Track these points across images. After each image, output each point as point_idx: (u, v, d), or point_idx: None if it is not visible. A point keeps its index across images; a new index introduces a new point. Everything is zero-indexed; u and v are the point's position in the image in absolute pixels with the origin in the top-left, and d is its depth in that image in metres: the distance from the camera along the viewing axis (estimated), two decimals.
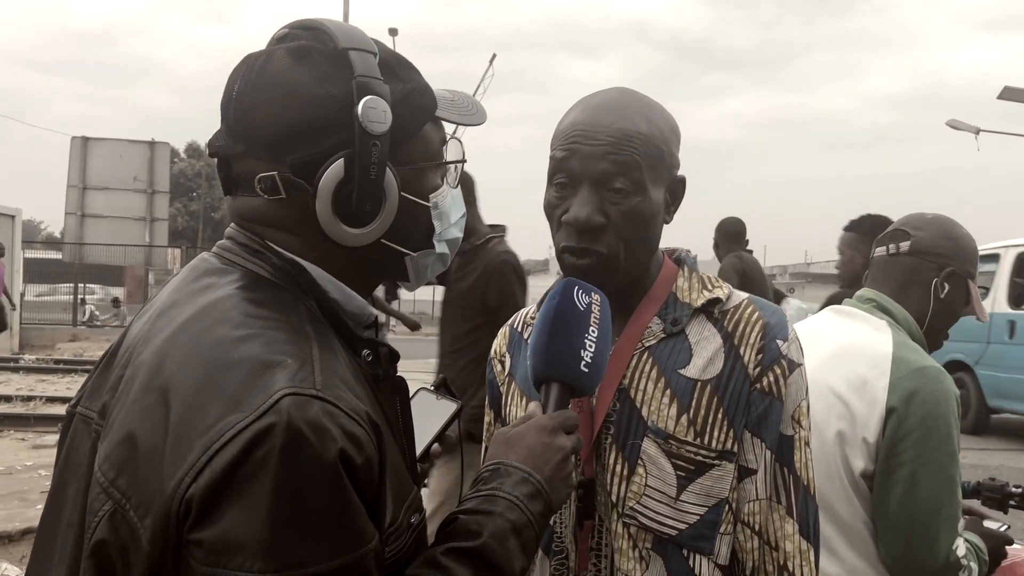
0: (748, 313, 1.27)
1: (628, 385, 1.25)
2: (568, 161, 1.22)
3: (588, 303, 1.17)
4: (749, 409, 1.22)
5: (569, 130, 1.24)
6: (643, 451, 1.21)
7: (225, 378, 0.85)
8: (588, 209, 1.20)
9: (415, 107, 1.03)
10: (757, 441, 1.22)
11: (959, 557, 1.68)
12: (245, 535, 0.79)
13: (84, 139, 18.40)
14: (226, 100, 1.00)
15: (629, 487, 1.22)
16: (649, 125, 1.23)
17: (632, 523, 1.21)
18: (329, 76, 0.96)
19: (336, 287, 1.02)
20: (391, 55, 1.04)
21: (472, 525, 0.98)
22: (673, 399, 1.22)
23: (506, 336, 1.48)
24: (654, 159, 1.22)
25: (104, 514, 0.88)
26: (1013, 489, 2.59)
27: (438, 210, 1.08)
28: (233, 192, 1.03)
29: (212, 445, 0.81)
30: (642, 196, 1.22)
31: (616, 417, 1.24)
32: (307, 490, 0.81)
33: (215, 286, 0.97)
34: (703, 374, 1.23)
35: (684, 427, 1.21)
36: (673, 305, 1.28)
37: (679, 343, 1.25)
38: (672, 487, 1.20)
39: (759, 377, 1.22)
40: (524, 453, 1.06)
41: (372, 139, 0.96)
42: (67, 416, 1.05)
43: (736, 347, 1.24)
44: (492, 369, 1.49)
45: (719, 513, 1.21)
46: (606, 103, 1.25)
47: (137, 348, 0.97)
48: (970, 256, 1.90)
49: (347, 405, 0.87)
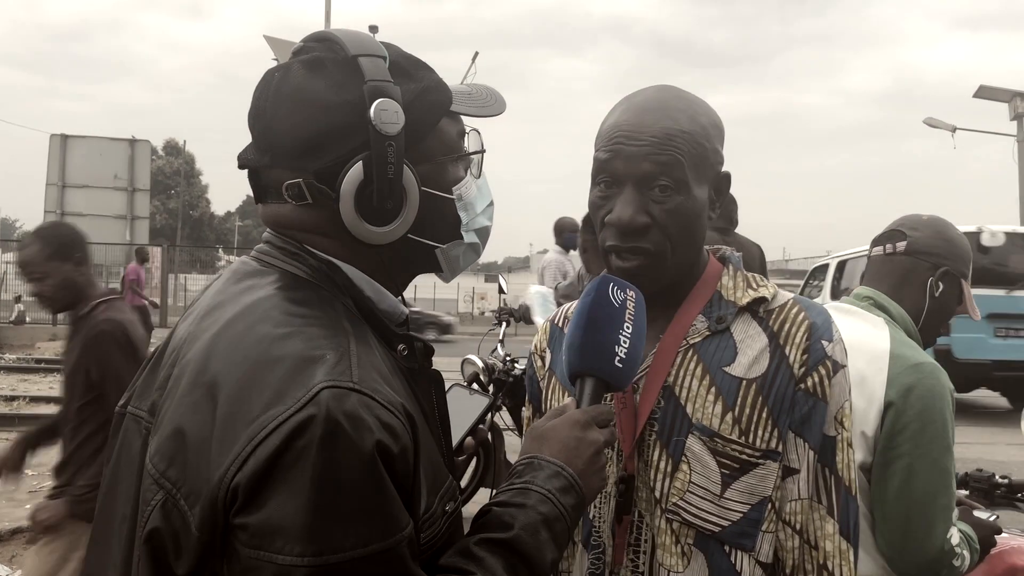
0: (794, 313, 1.27)
1: (673, 382, 1.25)
2: (612, 162, 1.23)
3: (623, 299, 1.18)
4: (793, 409, 1.22)
5: (612, 131, 1.25)
6: (688, 448, 1.22)
7: (268, 373, 0.90)
8: (631, 209, 1.21)
9: (429, 104, 1.07)
10: (800, 441, 1.23)
11: (953, 546, 1.73)
12: (286, 520, 0.84)
13: (63, 137, 18.22)
14: (251, 115, 1.06)
15: (673, 483, 1.22)
16: (692, 123, 1.23)
17: (675, 519, 1.22)
18: (343, 84, 1.01)
19: (370, 285, 1.06)
20: (403, 56, 1.09)
21: (505, 517, 1.02)
22: (718, 397, 1.22)
23: (547, 331, 1.49)
24: (697, 157, 1.23)
25: (156, 503, 0.92)
26: (1000, 480, 2.67)
27: (463, 201, 1.12)
28: (264, 200, 1.08)
29: (256, 436, 0.86)
30: (686, 195, 1.22)
31: (661, 414, 1.24)
32: (344, 478, 0.85)
33: (256, 287, 1.02)
34: (748, 372, 1.23)
35: (729, 425, 1.21)
36: (718, 303, 1.29)
37: (724, 341, 1.26)
38: (716, 484, 1.21)
39: (804, 377, 1.23)
40: (557, 447, 1.09)
41: (387, 140, 1.00)
42: (117, 416, 1.09)
43: (781, 347, 1.24)
44: (532, 364, 1.50)
45: (762, 511, 1.22)
46: (648, 102, 1.25)
47: (183, 348, 1.01)
48: (964, 257, 1.96)
49: (383, 397, 0.91)
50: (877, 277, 2.00)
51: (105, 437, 1.29)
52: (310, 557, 0.84)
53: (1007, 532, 2.25)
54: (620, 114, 1.27)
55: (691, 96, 1.29)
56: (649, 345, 1.26)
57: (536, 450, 1.11)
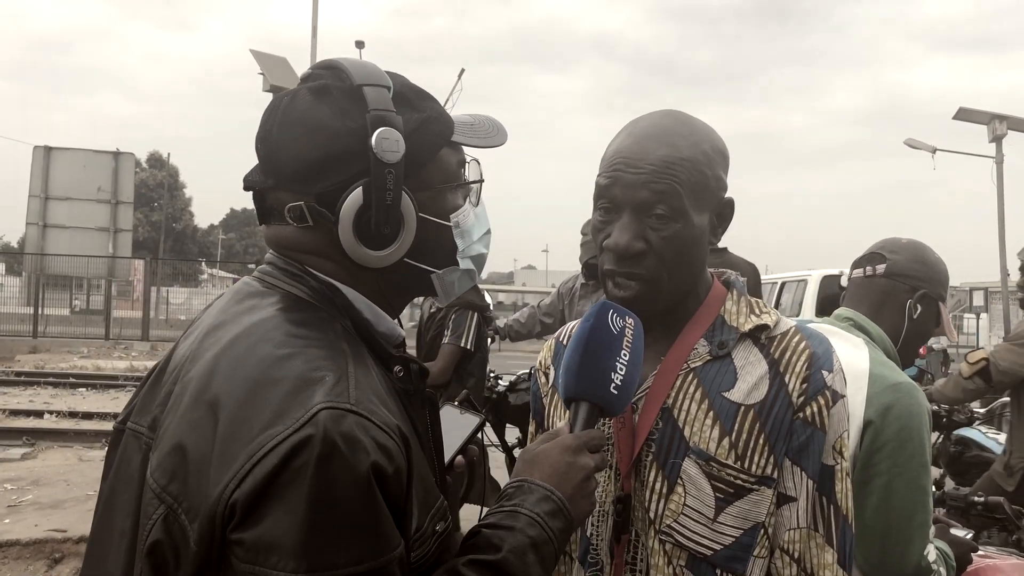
0: (795, 342, 1.28)
1: (672, 405, 1.25)
2: (611, 188, 1.25)
3: (622, 327, 1.19)
4: (791, 437, 1.23)
5: (614, 157, 1.26)
6: (683, 471, 1.22)
7: (269, 393, 0.93)
8: (628, 236, 1.23)
9: (430, 134, 1.11)
10: (797, 470, 1.23)
11: (930, 563, 1.75)
12: (282, 537, 0.86)
13: (47, 148, 18.16)
14: (258, 138, 1.09)
15: (667, 505, 1.23)
16: (693, 149, 1.24)
17: (668, 540, 1.23)
18: (347, 111, 1.05)
19: (368, 307, 1.09)
20: (407, 87, 1.12)
21: (493, 539, 1.04)
22: (716, 421, 1.23)
23: (551, 349, 1.50)
24: (697, 185, 1.23)
25: (158, 517, 0.94)
26: (976, 499, 2.71)
27: (460, 228, 1.15)
28: (267, 221, 1.11)
29: (255, 454, 0.89)
30: (683, 222, 1.23)
31: (658, 436, 1.25)
32: (340, 497, 0.88)
33: (258, 307, 1.05)
34: (747, 399, 1.24)
35: (725, 450, 1.22)
36: (720, 328, 1.29)
37: (725, 366, 1.26)
38: (710, 508, 1.21)
39: (802, 406, 1.23)
40: (548, 471, 1.11)
41: (386, 167, 1.03)
42: (115, 432, 1.11)
43: (781, 374, 1.25)
44: (536, 381, 1.51)
45: (754, 536, 1.22)
46: (650, 128, 1.26)
47: (185, 366, 1.03)
48: (942, 280, 2.01)
49: (379, 419, 0.94)
50: (857, 298, 2.04)
51: None
52: (304, 574, 0.86)
53: (983, 550, 2.30)
54: (623, 140, 1.28)
55: (696, 122, 1.29)
56: (650, 366, 1.28)
57: (527, 473, 1.12)
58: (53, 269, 19.43)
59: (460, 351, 4.52)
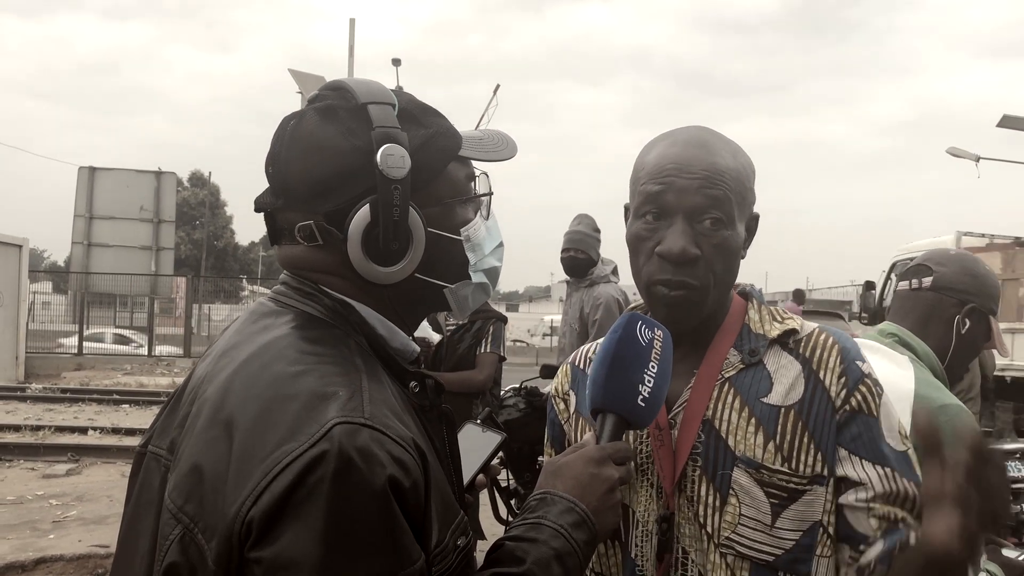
0: (823, 339, 1.28)
1: (712, 416, 1.25)
2: (663, 195, 1.24)
3: (651, 338, 1.18)
4: (841, 431, 1.22)
5: (661, 164, 1.25)
6: (734, 481, 1.22)
7: (283, 410, 0.92)
8: (684, 241, 1.22)
9: (437, 149, 1.10)
10: (856, 459, 1.22)
11: None
12: (300, 553, 0.85)
13: (91, 169, 18.60)
14: (268, 160, 1.10)
15: (723, 517, 1.22)
16: (735, 161, 1.26)
17: (729, 552, 1.22)
18: (352, 130, 1.05)
19: (382, 323, 1.09)
20: (413, 104, 1.12)
21: (517, 552, 1.04)
22: (759, 427, 1.23)
23: (568, 375, 1.48)
24: (740, 195, 1.25)
25: (175, 538, 0.94)
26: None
27: (471, 242, 1.14)
28: (278, 242, 1.12)
29: (270, 472, 0.88)
30: (732, 230, 1.24)
31: (703, 449, 1.24)
32: (357, 512, 0.87)
33: (272, 327, 1.05)
34: (785, 400, 1.24)
35: (772, 454, 1.21)
36: (748, 336, 1.30)
37: (759, 372, 1.26)
38: (767, 515, 1.21)
39: (847, 398, 1.22)
40: (571, 483, 1.12)
41: (392, 183, 1.04)
42: (137, 455, 1.12)
43: (815, 371, 1.25)
44: (555, 408, 1.49)
45: (814, 536, 1.21)
46: (692, 139, 1.27)
47: (202, 387, 1.04)
48: (992, 293, 1.93)
49: (394, 432, 0.93)
50: (902, 312, 1.97)
51: None
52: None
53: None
54: (666, 148, 1.27)
55: (726, 137, 1.31)
56: (684, 381, 1.28)
57: (551, 485, 1.13)
58: (97, 287, 19.84)
59: (500, 359, 4.71)
